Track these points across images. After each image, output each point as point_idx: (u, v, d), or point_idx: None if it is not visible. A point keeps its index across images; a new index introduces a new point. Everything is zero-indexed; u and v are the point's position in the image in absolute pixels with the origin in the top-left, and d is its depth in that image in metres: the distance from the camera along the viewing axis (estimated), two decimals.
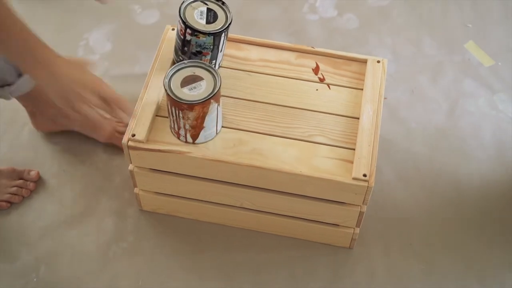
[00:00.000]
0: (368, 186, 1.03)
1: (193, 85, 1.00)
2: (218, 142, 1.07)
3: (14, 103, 1.39)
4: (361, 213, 1.11)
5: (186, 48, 1.09)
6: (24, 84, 1.19)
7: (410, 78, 1.49)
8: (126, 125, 1.06)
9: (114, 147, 1.33)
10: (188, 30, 1.06)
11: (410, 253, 1.22)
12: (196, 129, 1.04)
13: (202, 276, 1.18)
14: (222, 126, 1.09)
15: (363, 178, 1.03)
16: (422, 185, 1.32)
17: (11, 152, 1.32)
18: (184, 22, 1.05)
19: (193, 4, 1.08)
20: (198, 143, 1.07)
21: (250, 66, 1.15)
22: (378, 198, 1.28)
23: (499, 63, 1.53)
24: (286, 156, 1.05)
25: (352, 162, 1.04)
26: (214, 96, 0.99)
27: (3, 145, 1.33)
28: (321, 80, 1.16)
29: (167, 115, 1.07)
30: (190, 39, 1.07)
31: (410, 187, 1.31)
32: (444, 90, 1.47)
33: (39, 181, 1.29)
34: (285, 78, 1.16)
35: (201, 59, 1.09)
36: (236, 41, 1.21)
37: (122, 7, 1.61)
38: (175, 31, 1.19)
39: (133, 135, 1.06)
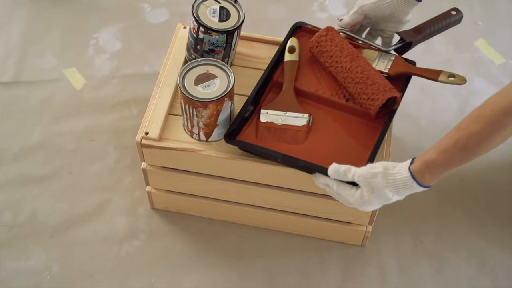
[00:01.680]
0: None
1: (207, 83, 1.00)
2: None
3: (24, 104, 1.39)
4: (373, 211, 1.10)
5: (199, 46, 1.09)
6: None
7: None
8: None
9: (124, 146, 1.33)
10: (201, 28, 1.06)
11: (422, 251, 1.22)
12: (210, 127, 1.04)
13: (214, 274, 1.18)
14: None
15: None
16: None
17: (22, 152, 1.32)
18: (197, 20, 1.05)
19: (205, 2, 1.08)
20: (211, 141, 1.07)
21: (261, 64, 1.15)
22: None
23: (510, 61, 1.53)
24: None
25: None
26: (228, 94, 0.99)
27: (15, 145, 1.34)
28: None
29: (180, 113, 1.07)
30: (203, 37, 1.07)
31: None
32: (454, 88, 1.47)
33: (50, 180, 1.29)
34: None
35: (213, 57, 1.09)
36: (248, 39, 1.21)
37: (132, 6, 1.61)
38: (186, 30, 1.19)
39: (146, 133, 1.06)
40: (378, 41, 1.16)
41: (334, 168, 0.94)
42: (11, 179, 1.29)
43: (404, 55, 1.12)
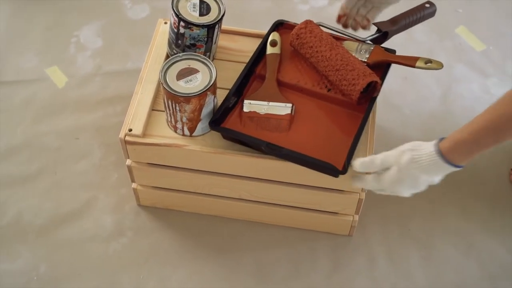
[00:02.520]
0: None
1: (189, 77, 1.00)
2: (215, 134, 1.06)
3: (6, 104, 1.38)
4: (360, 200, 1.11)
5: (180, 41, 1.09)
6: None
7: None
8: None
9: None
10: (182, 23, 1.05)
11: (409, 239, 1.23)
12: (193, 122, 1.03)
13: (202, 269, 1.18)
14: None
15: None
16: None
17: (6, 152, 1.32)
18: (177, 15, 1.05)
19: None
20: (195, 136, 1.07)
21: (243, 58, 1.15)
22: None
23: (491, 47, 1.54)
24: None
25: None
26: (211, 88, 0.99)
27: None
28: None
29: (163, 109, 1.07)
30: (184, 32, 1.07)
31: None
32: (436, 75, 1.48)
33: (35, 180, 1.28)
34: None
35: (195, 52, 1.09)
36: (230, 32, 1.21)
37: (112, 2, 1.60)
38: (167, 25, 1.19)
39: (130, 130, 1.06)
40: (359, 33, 1.17)
41: (359, 162, 0.96)
42: None
43: (387, 45, 1.13)
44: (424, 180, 0.91)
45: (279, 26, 1.17)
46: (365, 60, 1.10)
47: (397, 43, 1.21)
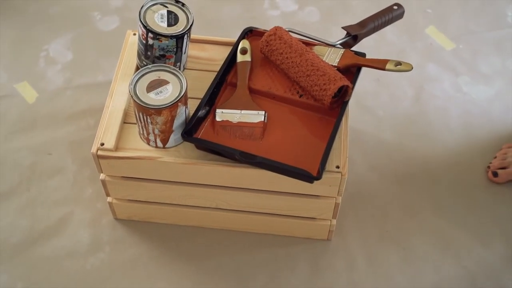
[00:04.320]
0: (341, 177, 1.03)
1: (159, 89, 0.99)
2: (189, 145, 1.06)
3: None
4: (336, 205, 1.11)
5: (149, 53, 1.08)
6: None
7: None
8: None
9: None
10: (150, 34, 1.05)
11: (388, 240, 1.23)
12: (166, 134, 1.03)
13: (182, 280, 1.17)
14: None
15: (336, 170, 1.03)
16: (394, 171, 1.33)
17: None
18: (145, 26, 1.04)
19: (153, 8, 1.07)
20: (168, 147, 1.06)
21: (214, 66, 1.15)
22: (352, 188, 1.29)
23: (460, 46, 1.55)
24: None
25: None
26: (181, 99, 0.98)
27: None
28: None
29: (135, 121, 1.06)
30: (153, 43, 1.06)
31: (383, 175, 1.32)
32: (408, 76, 1.49)
33: (8, 198, 1.26)
34: None
35: (165, 63, 1.08)
36: (199, 41, 1.21)
37: (81, 14, 1.58)
38: (136, 36, 1.18)
39: (102, 144, 1.05)
40: (329, 37, 1.18)
41: None
42: None
43: (358, 48, 1.14)
44: None
45: (249, 33, 1.17)
46: (336, 65, 1.10)
47: (368, 45, 1.22)
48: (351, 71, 1.11)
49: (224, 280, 1.17)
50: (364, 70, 1.11)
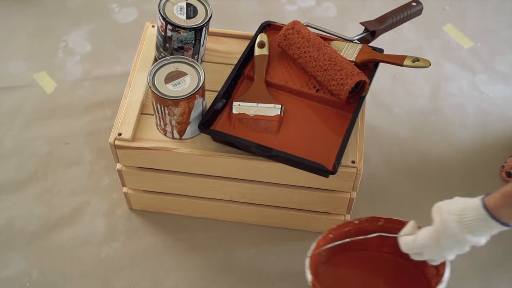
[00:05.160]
0: (357, 172, 1.03)
1: (177, 80, 1.00)
2: (205, 136, 1.07)
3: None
4: (351, 200, 1.11)
5: (167, 44, 1.09)
6: None
7: None
8: None
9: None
10: (169, 26, 1.05)
11: None
12: (183, 125, 1.03)
13: (195, 272, 1.18)
14: None
15: (352, 164, 1.03)
16: (409, 168, 1.33)
17: None
18: (164, 18, 1.05)
19: (172, 0, 1.07)
20: (185, 139, 1.07)
21: (232, 59, 1.15)
22: (366, 184, 1.29)
23: (478, 44, 1.55)
24: None
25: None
26: (199, 90, 0.99)
27: None
28: None
29: (152, 112, 1.07)
30: (171, 35, 1.07)
31: (397, 172, 1.32)
32: (426, 73, 1.48)
33: (26, 186, 1.27)
34: None
35: (183, 55, 1.09)
36: (217, 34, 1.21)
37: (100, 6, 1.60)
38: (155, 28, 1.19)
39: (119, 134, 1.06)
40: (347, 33, 1.17)
41: (403, 241, 0.93)
42: None
43: (375, 44, 1.14)
44: (467, 238, 0.83)
45: (267, 27, 1.17)
46: (353, 60, 1.10)
47: (385, 41, 1.22)
48: (368, 67, 1.11)
49: (237, 273, 1.18)
50: (380, 66, 1.11)
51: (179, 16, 1.06)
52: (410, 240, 0.93)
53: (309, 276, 1.00)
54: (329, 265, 1.08)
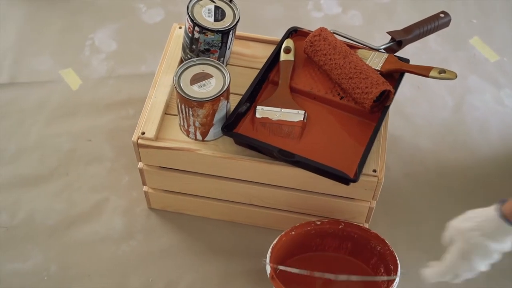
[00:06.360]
0: (378, 181, 1.03)
1: (203, 82, 1.00)
2: (227, 139, 1.07)
3: (20, 105, 1.40)
4: (370, 209, 1.11)
5: (194, 46, 1.09)
6: None
7: None
8: None
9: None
10: (197, 28, 1.06)
11: (418, 249, 1.22)
12: (206, 127, 1.04)
13: (211, 273, 1.18)
14: None
15: (373, 173, 1.03)
16: (429, 180, 1.32)
17: (18, 153, 1.33)
18: (192, 20, 1.06)
19: (201, 2, 1.08)
20: (207, 141, 1.07)
21: (257, 64, 1.15)
22: (386, 194, 1.28)
23: (505, 59, 1.54)
24: None
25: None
26: (224, 93, 0.99)
27: (11, 146, 1.34)
28: None
29: (176, 113, 1.08)
30: (199, 37, 1.07)
31: (417, 183, 1.31)
32: (449, 85, 1.48)
33: (47, 181, 1.29)
34: None
35: (209, 57, 1.10)
36: (243, 38, 1.22)
37: (127, 5, 1.61)
38: (182, 29, 1.20)
39: (143, 133, 1.07)
40: (373, 42, 1.17)
41: (429, 273, 0.94)
42: (7, 180, 1.29)
43: (400, 54, 1.13)
44: (491, 246, 0.86)
45: (293, 33, 1.18)
46: (379, 69, 1.10)
47: (410, 52, 1.22)
48: (393, 76, 1.11)
49: (253, 276, 1.18)
50: (404, 77, 1.11)
51: (207, 18, 1.07)
52: (439, 268, 0.93)
53: (268, 268, 1.05)
54: (290, 263, 1.13)
